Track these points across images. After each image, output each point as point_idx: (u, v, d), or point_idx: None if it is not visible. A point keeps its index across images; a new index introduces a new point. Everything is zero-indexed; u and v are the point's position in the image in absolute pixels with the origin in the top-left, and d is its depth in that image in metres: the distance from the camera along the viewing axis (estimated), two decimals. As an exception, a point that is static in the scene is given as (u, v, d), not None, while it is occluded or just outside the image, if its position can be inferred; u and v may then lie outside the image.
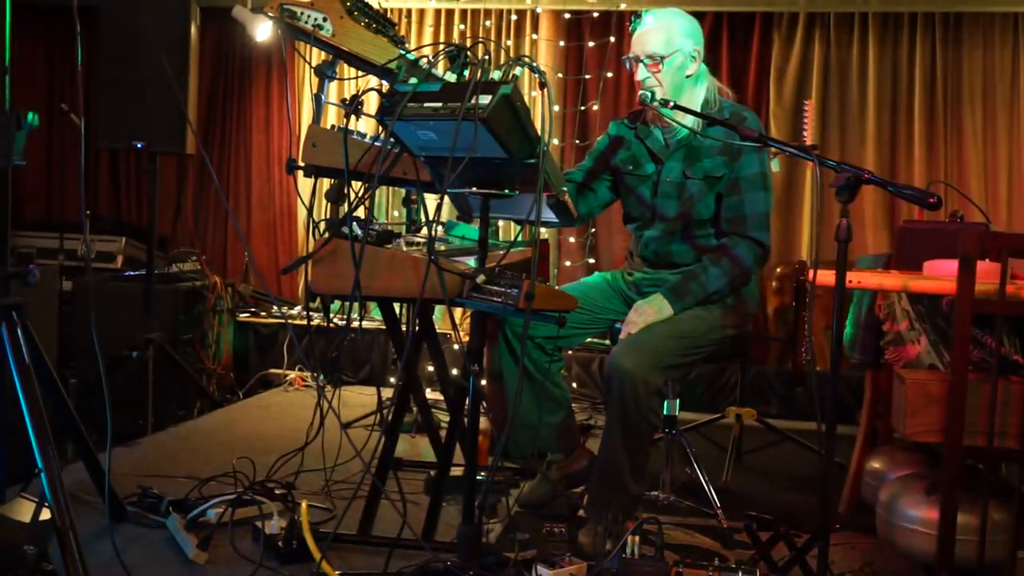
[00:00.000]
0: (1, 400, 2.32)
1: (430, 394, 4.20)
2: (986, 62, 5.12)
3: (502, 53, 5.29)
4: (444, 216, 2.61)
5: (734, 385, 4.74)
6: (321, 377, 4.87)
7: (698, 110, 2.70)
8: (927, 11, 5.13)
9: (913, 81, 5.16)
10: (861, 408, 3.25)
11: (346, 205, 2.34)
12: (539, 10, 5.46)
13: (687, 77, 2.77)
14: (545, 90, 2.09)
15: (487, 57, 2.11)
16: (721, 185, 2.75)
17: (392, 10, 5.50)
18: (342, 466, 3.05)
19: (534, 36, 5.50)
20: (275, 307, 5.40)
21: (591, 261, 5.37)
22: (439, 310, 4.76)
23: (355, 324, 3.60)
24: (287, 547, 2.46)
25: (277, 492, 2.88)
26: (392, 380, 4.89)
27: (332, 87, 2.70)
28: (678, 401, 3.09)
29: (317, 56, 3.16)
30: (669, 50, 2.73)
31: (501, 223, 4.63)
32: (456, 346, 4.65)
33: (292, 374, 5.10)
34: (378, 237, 2.31)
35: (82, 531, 2.18)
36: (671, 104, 2.58)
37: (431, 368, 4.34)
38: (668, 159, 2.81)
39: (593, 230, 5.38)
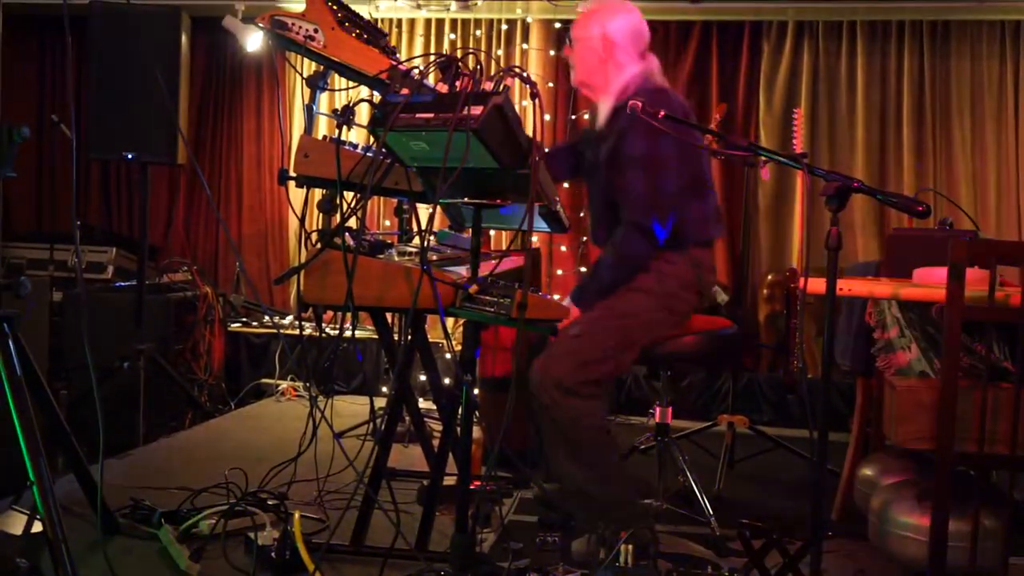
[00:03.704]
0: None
1: (423, 403, 4.20)
2: (974, 70, 5.15)
3: (493, 63, 5.31)
4: (436, 226, 2.62)
5: (726, 393, 4.74)
6: (313, 387, 4.86)
7: (611, 95, 2.68)
8: (915, 19, 5.16)
9: (902, 89, 5.19)
10: (853, 415, 3.26)
11: (338, 215, 2.34)
12: (529, 20, 5.48)
13: (601, 62, 2.73)
14: (536, 100, 2.10)
15: (478, 67, 2.12)
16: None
17: (383, 20, 5.52)
18: (335, 476, 3.04)
19: (524, 46, 5.52)
20: (267, 317, 5.39)
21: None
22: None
23: (347, 334, 3.59)
24: (280, 558, 2.45)
25: (270, 503, 2.88)
26: (385, 390, 4.88)
27: (323, 98, 2.70)
28: (670, 409, 3.10)
29: (308, 67, 3.17)
30: (579, 34, 2.77)
31: (493, 232, 4.63)
32: (449, 355, 4.64)
33: (284, 384, 5.08)
34: (370, 247, 2.31)
35: (74, 543, 2.17)
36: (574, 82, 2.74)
37: (424, 377, 4.34)
38: (598, 145, 2.78)
39: (584, 239, 5.39)
